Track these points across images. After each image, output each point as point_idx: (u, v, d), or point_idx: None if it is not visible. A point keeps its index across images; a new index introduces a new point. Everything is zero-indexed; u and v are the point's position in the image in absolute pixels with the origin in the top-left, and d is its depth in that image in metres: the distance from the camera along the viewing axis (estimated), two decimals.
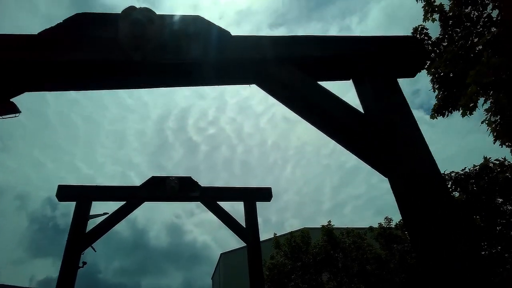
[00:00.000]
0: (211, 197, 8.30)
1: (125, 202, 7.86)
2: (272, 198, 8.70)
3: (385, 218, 18.69)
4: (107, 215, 7.82)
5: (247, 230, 8.14)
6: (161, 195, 8.06)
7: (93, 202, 7.84)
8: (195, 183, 8.39)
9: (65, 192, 7.71)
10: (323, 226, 19.93)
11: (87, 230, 7.48)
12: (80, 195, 7.70)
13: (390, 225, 18.54)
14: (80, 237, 7.31)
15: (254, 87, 2.95)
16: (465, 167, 12.49)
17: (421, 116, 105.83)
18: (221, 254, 47.01)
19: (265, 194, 8.69)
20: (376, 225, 19.83)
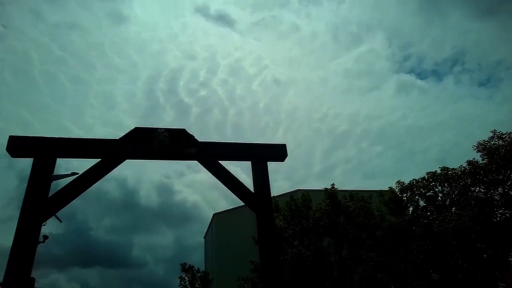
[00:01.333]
0: (211, 155, 6.54)
1: (99, 159, 6.06)
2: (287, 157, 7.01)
3: (396, 182, 17.36)
4: (76, 176, 6.03)
5: (257, 197, 6.47)
6: (147, 151, 6.25)
7: (58, 159, 6.02)
8: (191, 137, 6.59)
9: (19, 145, 5.84)
10: (326, 189, 18.58)
11: (50, 194, 5.72)
12: (40, 150, 5.85)
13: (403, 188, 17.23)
14: (40, 203, 5.56)
15: None
16: None
17: (412, 81, 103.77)
18: (213, 215, 46.45)
19: (278, 152, 6.95)
20: (364, 188, 18.59)
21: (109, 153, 6.11)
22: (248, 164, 6.87)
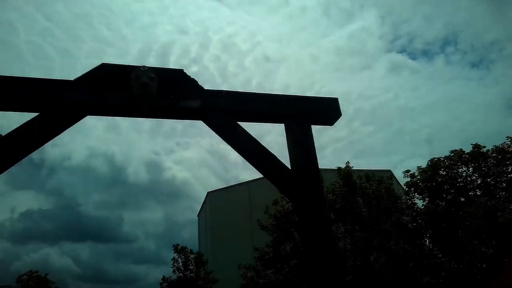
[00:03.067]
0: (226, 112, 4.08)
1: (37, 113, 3.57)
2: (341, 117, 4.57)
3: (429, 161, 15.11)
4: None
5: (296, 176, 4.08)
6: (121, 102, 3.77)
7: None
8: (193, 82, 4.12)
9: None
10: (339, 168, 16.35)
11: None
12: None
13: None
14: None
15: None
16: None
17: (404, 60, 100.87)
18: (207, 193, 44.46)
19: (328, 109, 4.51)
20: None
21: (56, 103, 3.61)
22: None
